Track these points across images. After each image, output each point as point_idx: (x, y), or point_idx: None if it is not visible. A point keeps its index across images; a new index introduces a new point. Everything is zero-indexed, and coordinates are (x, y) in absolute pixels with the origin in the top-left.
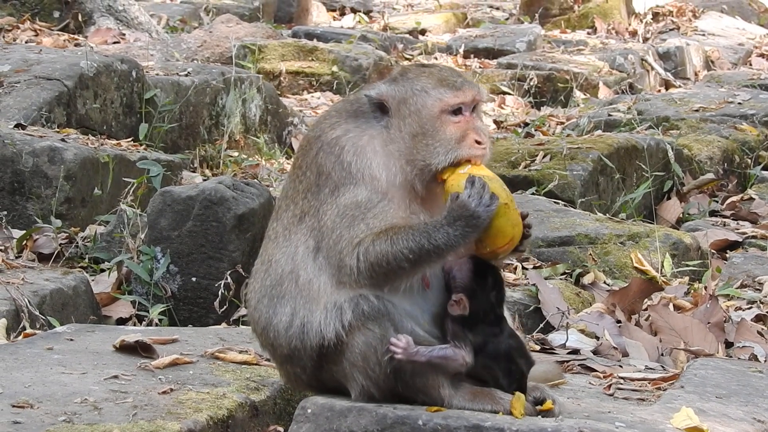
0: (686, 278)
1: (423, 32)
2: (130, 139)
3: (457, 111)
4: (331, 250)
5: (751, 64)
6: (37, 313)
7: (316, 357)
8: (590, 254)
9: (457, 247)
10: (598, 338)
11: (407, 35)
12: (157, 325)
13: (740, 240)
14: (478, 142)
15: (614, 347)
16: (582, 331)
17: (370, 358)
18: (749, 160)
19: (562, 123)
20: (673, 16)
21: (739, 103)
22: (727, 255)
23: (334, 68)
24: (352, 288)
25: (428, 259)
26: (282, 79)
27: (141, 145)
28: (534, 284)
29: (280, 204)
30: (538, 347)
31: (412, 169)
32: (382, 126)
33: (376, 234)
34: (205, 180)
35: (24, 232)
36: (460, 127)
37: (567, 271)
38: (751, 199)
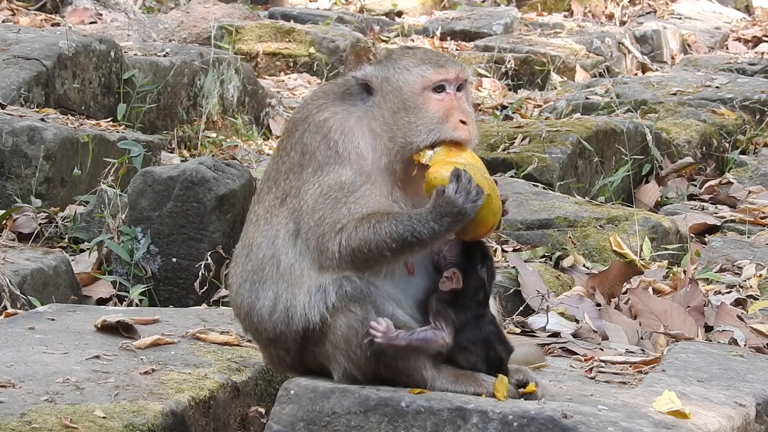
0: (665, 262)
1: (399, 14)
2: (108, 120)
3: (440, 88)
4: (312, 232)
5: (727, 48)
6: (18, 292)
7: (301, 340)
8: (569, 237)
9: (441, 239)
10: (577, 321)
11: (384, 17)
12: (137, 305)
13: (719, 224)
14: (463, 122)
15: (594, 330)
16: (562, 314)
17: (352, 341)
18: (727, 144)
19: (540, 106)
20: None
21: (717, 87)
22: (706, 239)
23: (311, 50)
24: (334, 271)
25: (410, 249)
26: (259, 60)
27: (120, 125)
28: (514, 267)
29: (262, 186)
30: (518, 330)
31: (393, 147)
32: (368, 107)
33: (359, 220)
34: (183, 161)
35: (3, 211)
36: (444, 105)
37: (546, 254)
38: (729, 183)
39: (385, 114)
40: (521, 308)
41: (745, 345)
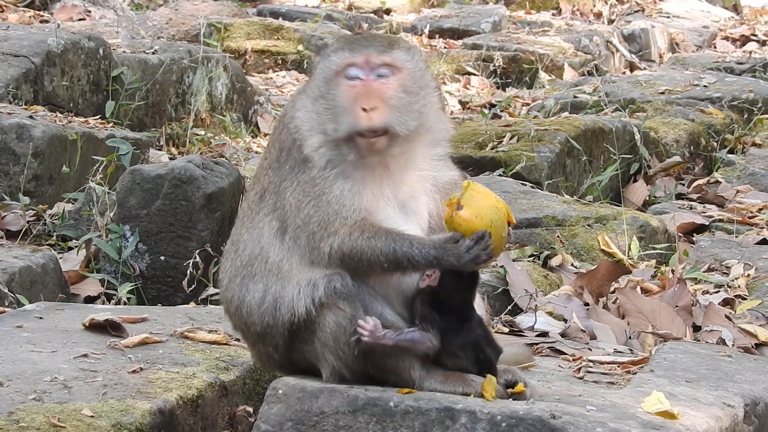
0: (653, 261)
1: (388, 12)
2: (97, 117)
3: (351, 74)
4: (301, 230)
5: (715, 47)
6: (6, 290)
7: (288, 335)
8: (558, 236)
9: (436, 269)
10: (566, 321)
11: (372, 15)
12: (125, 303)
13: (707, 223)
14: (364, 109)
15: (582, 330)
16: (550, 314)
17: (341, 339)
18: (715, 144)
19: (528, 104)
20: None
21: (705, 86)
22: (694, 238)
23: (300, 47)
24: (324, 268)
25: (403, 270)
26: (247, 57)
27: (108, 122)
28: (502, 266)
29: (249, 185)
30: (506, 329)
31: (328, 135)
32: None
33: (352, 226)
34: (172, 158)
35: None
36: (353, 92)
37: (535, 253)
38: (717, 182)
39: (313, 102)
40: (509, 307)
41: (733, 345)
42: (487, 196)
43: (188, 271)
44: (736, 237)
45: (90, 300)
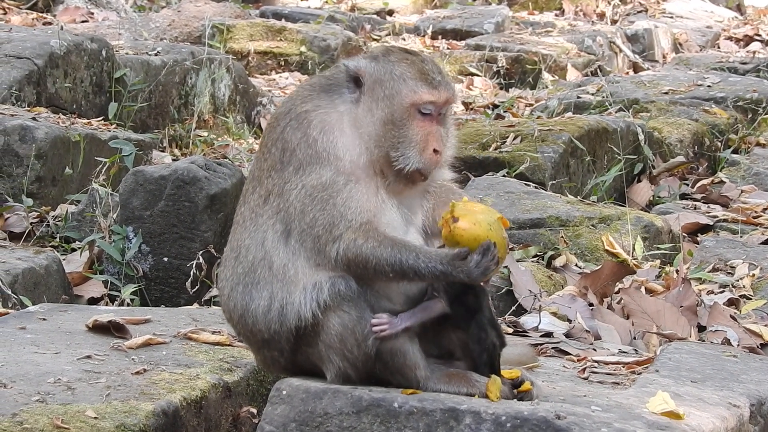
0: (657, 261)
1: (390, 13)
2: (100, 119)
3: (427, 110)
4: (305, 234)
5: (719, 47)
6: (9, 292)
7: (294, 339)
8: (562, 237)
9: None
10: (570, 321)
11: (375, 16)
12: (128, 305)
13: (711, 223)
14: (436, 151)
15: (586, 330)
16: (554, 314)
17: (347, 340)
18: (719, 143)
19: (531, 105)
20: None
21: (709, 86)
22: (699, 238)
23: (303, 48)
24: (329, 271)
25: (408, 280)
26: (250, 59)
27: (111, 124)
28: (506, 266)
29: (247, 187)
30: (510, 330)
31: (378, 152)
32: (353, 100)
33: (356, 230)
34: (174, 160)
35: None
36: (424, 130)
37: (539, 253)
38: (722, 182)
39: (375, 121)
40: (513, 308)
41: (738, 345)
42: (477, 204)
43: (191, 272)
44: (741, 237)
45: (93, 301)
